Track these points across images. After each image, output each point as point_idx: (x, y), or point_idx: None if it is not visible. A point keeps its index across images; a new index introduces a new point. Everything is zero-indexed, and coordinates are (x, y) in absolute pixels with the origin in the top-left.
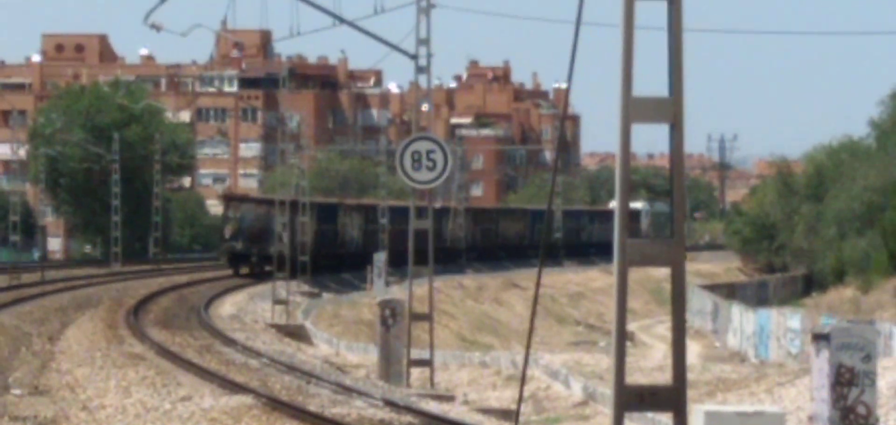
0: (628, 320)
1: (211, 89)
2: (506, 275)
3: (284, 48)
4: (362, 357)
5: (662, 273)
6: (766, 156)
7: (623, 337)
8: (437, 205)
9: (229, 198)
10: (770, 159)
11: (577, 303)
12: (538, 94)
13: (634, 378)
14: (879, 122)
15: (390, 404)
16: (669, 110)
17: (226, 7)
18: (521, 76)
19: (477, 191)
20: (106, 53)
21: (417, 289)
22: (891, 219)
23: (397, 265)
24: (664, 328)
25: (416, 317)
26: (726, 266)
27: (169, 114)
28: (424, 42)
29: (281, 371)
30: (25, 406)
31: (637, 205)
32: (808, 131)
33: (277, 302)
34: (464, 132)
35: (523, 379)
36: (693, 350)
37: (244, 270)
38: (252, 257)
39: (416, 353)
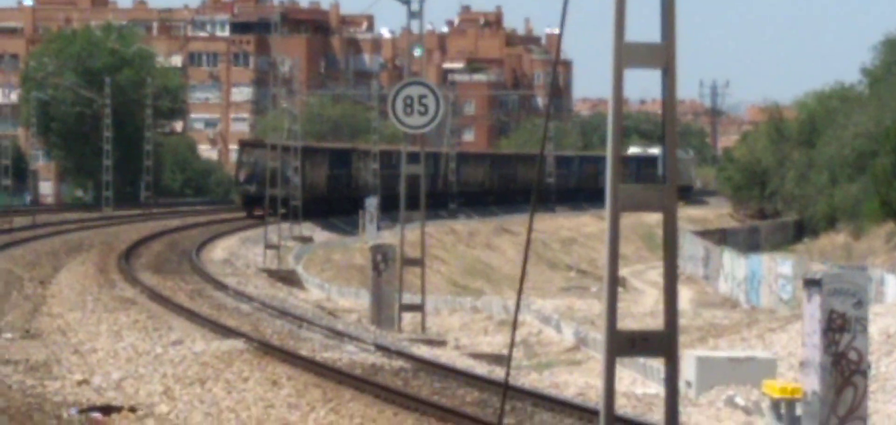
0: (620, 266)
1: (202, 34)
2: (498, 220)
3: None
4: (354, 302)
5: (654, 218)
6: (757, 102)
7: (615, 282)
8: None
9: (244, 144)
10: (762, 105)
11: (569, 248)
12: (530, 40)
13: (626, 323)
14: (871, 69)
15: (382, 348)
16: (662, 56)
17: None
18: (513, 21)
19: (469, 136)
20: None
21: (409, 233)
22: (882, 165)
23: (389, 210)
24: (656, 274)
25: (408, 262)
26: (718, 212)
27: (160, 59)
28: None
29: (272, 315)
30: (17, 349)
31: (654, 150)
32: (800, 77)
33: (269, 246)
34: (456, 77)
35: (515, 324)
36: (684, 295)
37: (258, 212)
38: (263, 199)
39: (407, 298)
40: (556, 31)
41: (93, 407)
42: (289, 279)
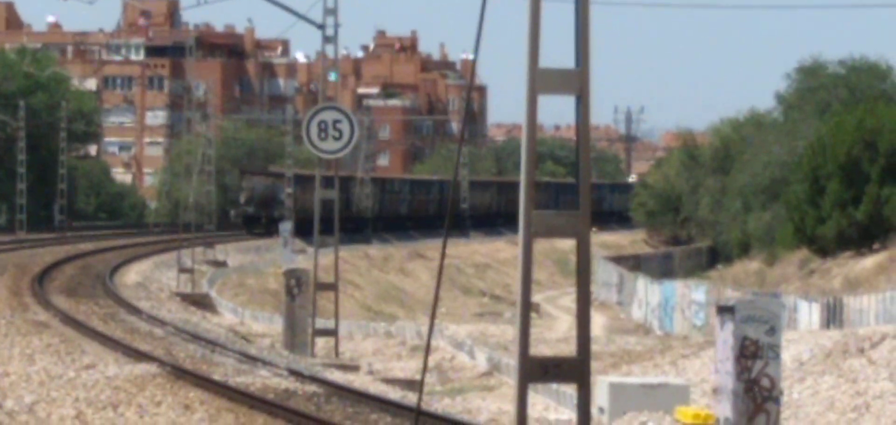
0: (533, 291)
1: (117, 57)
2: (412, 245)
3: (191, 17)
4: (267, 326)
5: (568, 244)
6: (672, 128)
7: (528, 308)
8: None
9: (243, 171)
10: (676, 132)
11: (483, 273)
12: (445, 65)
13: (539, 349)
14: (785, 96)
15: (295, 373)
16: (576, 82)
17: None
18: (428, 46)
19: (383, 161)
20: (12, 20)
21: (323, 258)
22: (795, 192)
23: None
24: (569, 299)
25: (322, 287)
26: (632, 238)
27: (75, 82)
28: (331, 12)
29: (185, 339)
30: None
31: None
32: (715, 104)
33: (183, 270)
34: (371, 102)
35: (428, 350)
36: (598, 321)
37: (257, 230)
38: (263, 219)
39: (321, 323)
40: (471, 56)
41: None
42: (202, 303)
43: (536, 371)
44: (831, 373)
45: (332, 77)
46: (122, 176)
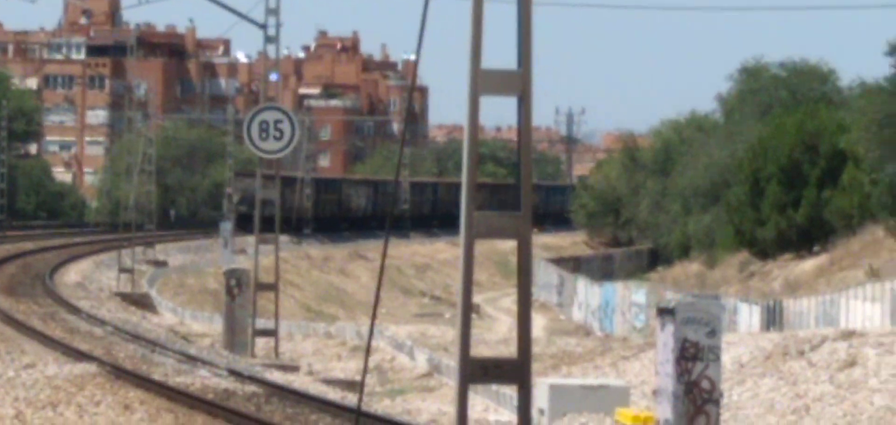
0: (474, 293)
1: (58, 56)
2: (352, 245)
3: (132, 16)
4: (207, 326)
5: (509, 245)
6: (613, 130)
7: (468, 309)
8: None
9: (237, 173)
10: (617, 133)
11: (424, 274)
12: (387, 66)
13: (479, 350)
14: (727, 98)
15: (234, 373)
16: (517, 83)
17: None
18: (369, 47)
19: (324, 161)
20: None
21: (263, 258)
22: (736, 194)
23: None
24: (510, 301)
25: (262, 287)
26: (572, 239)
27: (15, 81)
28: (273, 12)
29: (125, 339)
30: None
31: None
32: (656, 106)
33: (123, 270)
34: (312, 102)
35: (368, 351)
36: (538, 323)
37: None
38: (250, 218)
39: (261, 323)
40: (413, 57)
41: None
42: (142, 303)
43: (477, 372)
44: (771, 376)
45: (274, 77)
46: (62, 175)
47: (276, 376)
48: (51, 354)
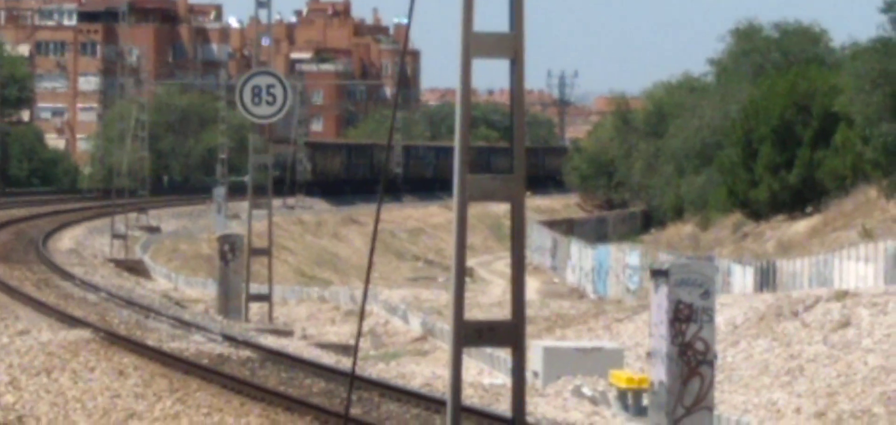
0: (468, 256)
1: (50, 23)
2: (345, 210)
3: None
4: (201, 292)
5: (502, 209)
6: (605, 92)
7: (462, 272)
8: None
9: (271, 141)
10: (610, 96)
11: (417, 238)
12: (378, 30)
13: (473, 313)
14: (719, 60)
15: (229, 338)
16: (510, 45)
17: None
18: (361, 11)
19: (317, 126)
20: None
21: (256, 224)
22: (728, 156)
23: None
24: (503, 264)
25: (255, 252)
26: (565, 202)
27: (7, 48)
28: None
29: (119, 305)
30: None
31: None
32: (649, 69)
33: (116, 236)
34: (304, 67)
35: (362, 314)
36: (532, 286)
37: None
38: (285, 180)
39: (254, 288)
40: (405, 20)
41: None
42: (136, 269)
43: (471, 335)
44: (765, 336)
45: (266, 41)
46: (55, 142)
47: (270, 341)
48: (45, 320)
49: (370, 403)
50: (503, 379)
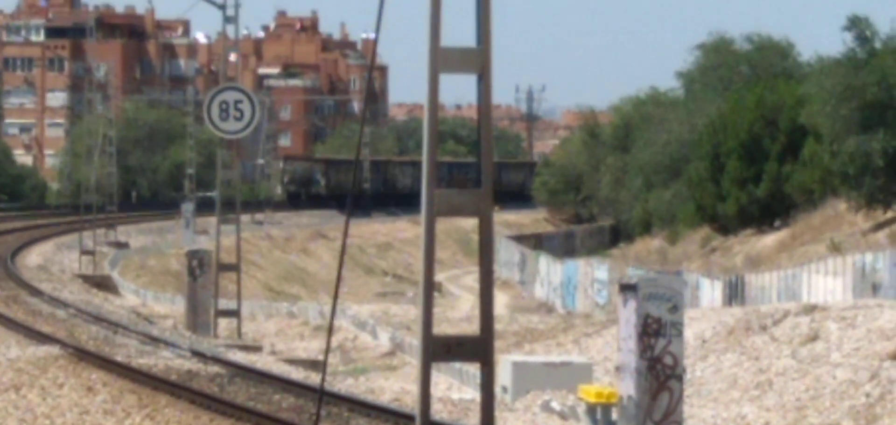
0: (436, 271)
1: (17, 39)
2: (314, 225)
3: None
4: (169, 307)
5: (470, 224)
6: (573, 107)
7: (431, 287)
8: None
9: (287, 158)
10: (577, 110)
11: (385, 253)
12: (346, 45)
13: (442, 328)
14: (687, 73)
15: (197, 354)
16: (477, 60)
17: None
18: (328, 26)
19: (285, 141)
20: None
21: (224, 239)
22: (696, 169)
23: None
24: (472, 279)
25: (224, 268)
26: (533, 217)
27: None
28: None
29: (87, 321)
30: None
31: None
32: (617, 83)
33: (85, 252)
34: (272, 82)
35: (331, 330)
36: (501, 300)
37: (300, 202)
38: (302, 195)
39: (223, 304)
40: (372, 35)
41: None
42: (104, 285)
43: (440, 350)
44: (734, 351)
45: (233, 57)
46: (22, 157)
47: (239, 356)
48: (13, 337)
49: (339, 418)
50: (472, 393)
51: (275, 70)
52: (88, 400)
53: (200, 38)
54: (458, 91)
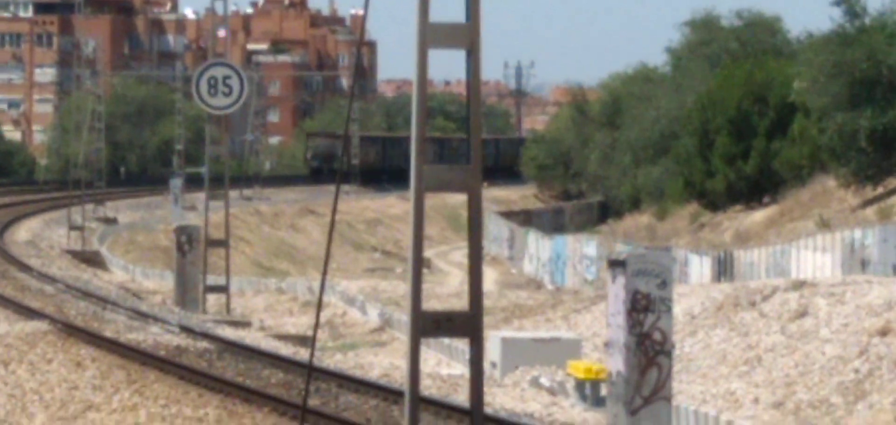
0: (425, 247)
1: (5, 14)
2: (302, 201)
3: None
4: (158, 283)
5: (459, 200)
6: (562, 83)
7: (420, 263)
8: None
9: (310, 134)
10: (566, 87)
11: (374, 229)
12: (335, 21)
13: (431, 304)
14: (676, 49)
15: (186, 330)
16: (466, 36)
17: None
18: (317, 2)
19: (274, 117)
20: None
21: (213, 215)
22: (685, 146)
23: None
24: (461, 255)
25: (212, 244)
26: (522, 193)
27: None
28: None
29: (76, 297)
30: None
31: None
32: (606, 59)
33: (73, 228)
34: (260, 58)
35: (319, 305)
36: (489, 276)
37: (322, 176)
38: (324, 169)
39: (212, 280)
40: (361, 11)
41: None
42: (93, 260)
43: (429, 326)
44: (723, 327)
45: (222, 33)
46: (11, 133)
47: (228, 332)
48: (2, 312)
49: (328, 394)
50: (461, 369)
51: (263, 46)
52: (77, 375)
53: (189, 13)
54: (448, 67)
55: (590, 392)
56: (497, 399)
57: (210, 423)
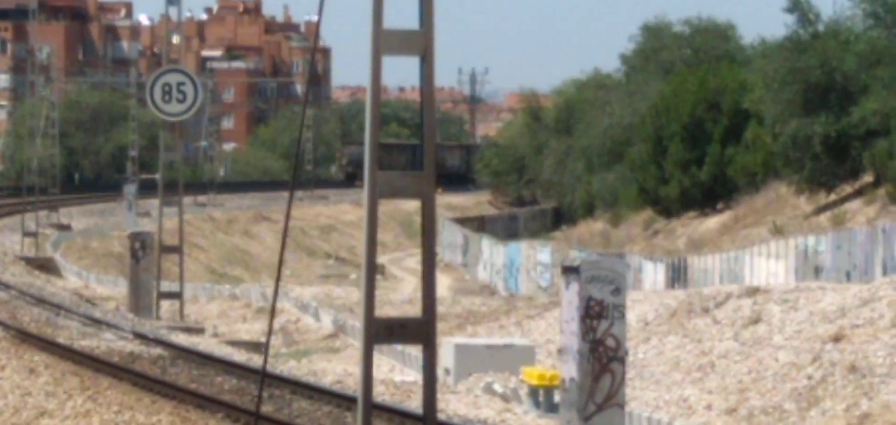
0: (379, 253)
1: None
2: (256, 208)
3: None
4: (112, 289)
5: (413, 206)
6: (516, 89)
7: (373, 269)
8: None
9: (345, 143)
10: (520, 93)
11: (328, 236)
12: (289, 27)
13: (384, 311)
14: (629, 56)
15: (140, 336)
16: (420, 42)
17: None
18: (271, 9)
19: (228, 123)
20: None
21: (167, 221)
22: (639, 152)
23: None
24: (414, 261)
25: (166, 250)
26: (476, 199)
27: None
28: None
29: (30, 303)
30: None
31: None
32: (560, 66)
33: (27, 234)
34: (215, 65)
35: (273, 312)
36: (443, 283)
37: (358, 184)
38: (358, 175)
39: (165, 286)
40: (315, 18)
41: None
42: (46, 267)
43: (382, 332)
44: (676, 333)
45: (176, 39)
46: None
47: (182, 338)
48: None
49: (281, 400)
50: (414, 376)
51: (218, 52)
52: (30, 381)
53: (143, 20)
54: (402, 73)
55: (543, 398)
56: (450, 405)
57: None
